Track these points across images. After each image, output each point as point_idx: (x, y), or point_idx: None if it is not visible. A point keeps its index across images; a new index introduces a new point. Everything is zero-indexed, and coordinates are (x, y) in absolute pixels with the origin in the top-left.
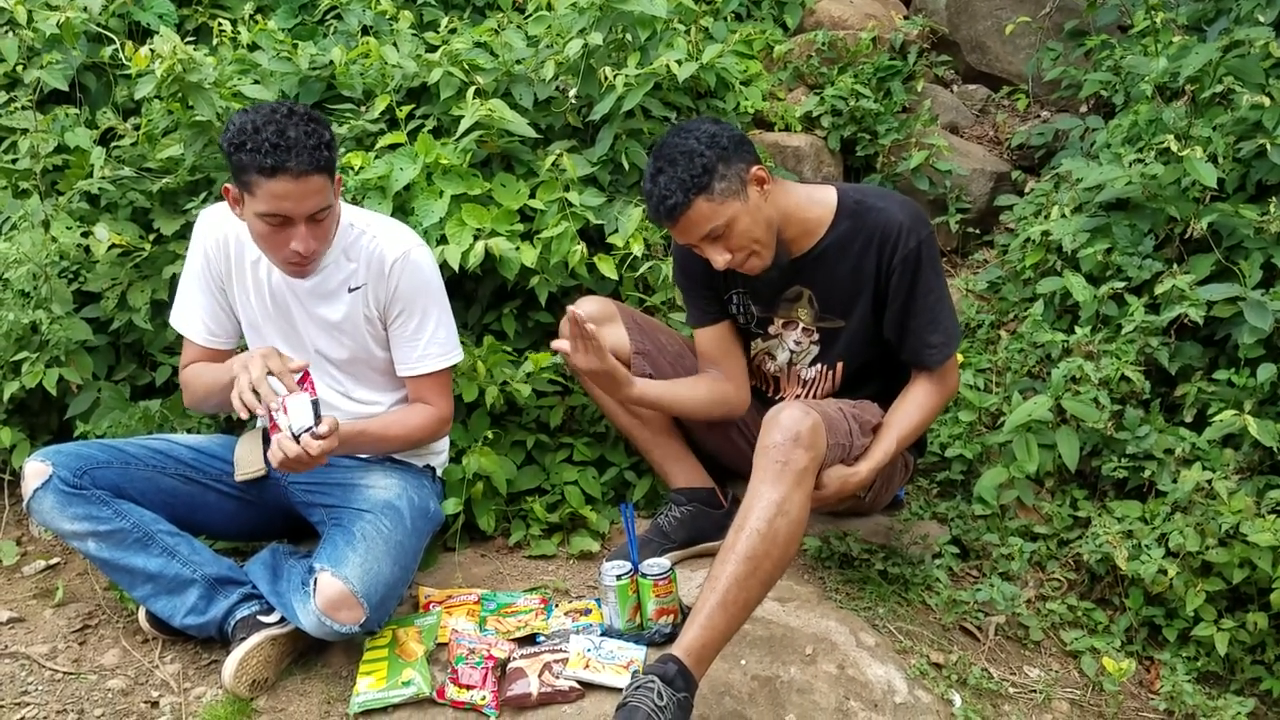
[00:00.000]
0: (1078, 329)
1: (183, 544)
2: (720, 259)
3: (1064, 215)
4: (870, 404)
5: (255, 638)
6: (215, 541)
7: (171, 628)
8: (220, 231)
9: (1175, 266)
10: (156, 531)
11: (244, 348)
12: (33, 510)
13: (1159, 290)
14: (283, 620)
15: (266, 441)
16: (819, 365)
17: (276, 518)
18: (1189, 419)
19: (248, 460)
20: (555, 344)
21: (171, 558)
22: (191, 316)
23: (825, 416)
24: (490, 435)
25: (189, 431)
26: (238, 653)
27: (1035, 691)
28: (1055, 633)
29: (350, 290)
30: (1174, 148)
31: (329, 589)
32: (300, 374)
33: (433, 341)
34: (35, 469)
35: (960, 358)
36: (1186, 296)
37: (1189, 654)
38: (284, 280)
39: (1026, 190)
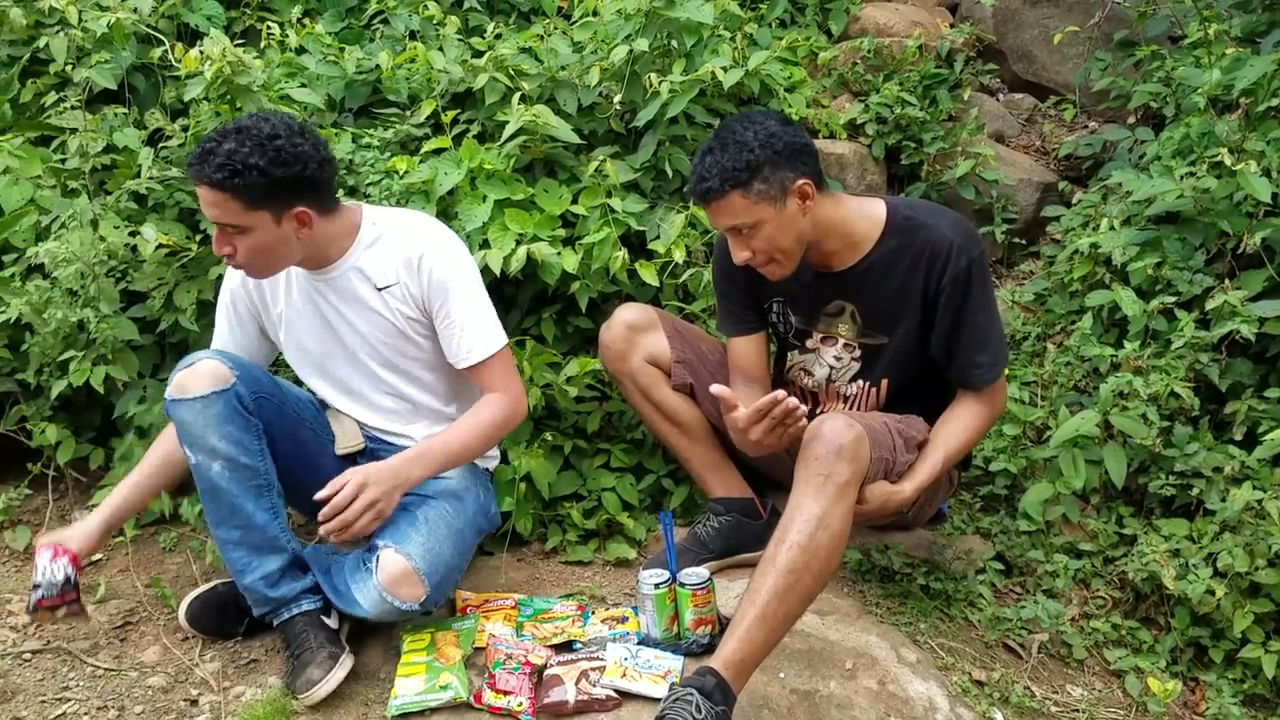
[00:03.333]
0: (1126, 343)
1: (283, 508)
2: (740, 254)
3: (1113, 228)
4: (916, 419)
5: (347, 663)
6: None
7: (210, 627)
8: None
9: (1227, 282)
10: (275, 485)
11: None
12: (186, 409)
13: (1210, 306)
14: (339, 629)
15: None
16: (860, 381)
17: None
18: (1239, 437)
19: (346, 436)
20: (736, 417)
21: (275, 517)
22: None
23: (869, 430)
24: (549, 438)
25: None
26: (336, 675)
27: (1078, 711)
28: (1099, 651)
29: (379, 289)
30: (1227, 161)
31: (392, 565)
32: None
33: (479, 326)
34: (216, 370)
35: (1005, 370)
36: (1238, 312)
37: (1235, 676)
38: (311, 287)
39: (1074, 201)
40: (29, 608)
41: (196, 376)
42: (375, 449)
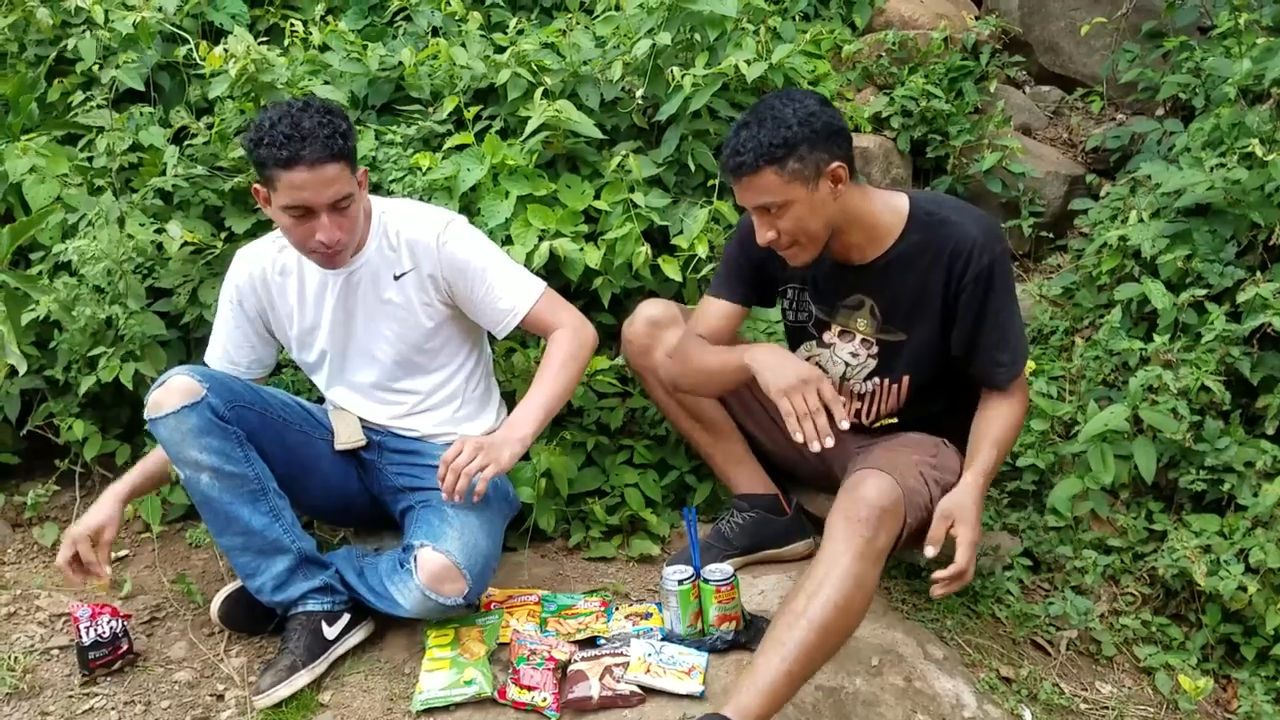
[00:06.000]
0: (1156, 337)
1: (285, 509)
2: (765, 235)
3: (1142, 220)
4: (951, 453)
5: (300, 681)
6: None
7: (241, 624)
8: (255, 267)
9: (1258, 274)
10: (270, 488)
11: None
12: (163, 426)
13: (1241, 298)
14: (343, 636)
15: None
16: (877, 379)
17: (364, 501)
18: (1271, 431)
19: (348, 431)
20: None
21: (275, 520)
22: (219, 351)
23: (908, 490)
24: (568, 436)
25: None
26: (281, 691)
27: (1108, 708)
28: (1129, 648)
29: (396, 278)
30: (1258, 152)
31: (432, 563)
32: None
33: (514, 282)
34: (187, 385)
35: (1032, 364)
36: (1270, 305)
37: (1268, 673)
38: (327, 281)
39: (1102, 194)
40: (83, 668)
41: (168, 393)
42: (379, 440)
